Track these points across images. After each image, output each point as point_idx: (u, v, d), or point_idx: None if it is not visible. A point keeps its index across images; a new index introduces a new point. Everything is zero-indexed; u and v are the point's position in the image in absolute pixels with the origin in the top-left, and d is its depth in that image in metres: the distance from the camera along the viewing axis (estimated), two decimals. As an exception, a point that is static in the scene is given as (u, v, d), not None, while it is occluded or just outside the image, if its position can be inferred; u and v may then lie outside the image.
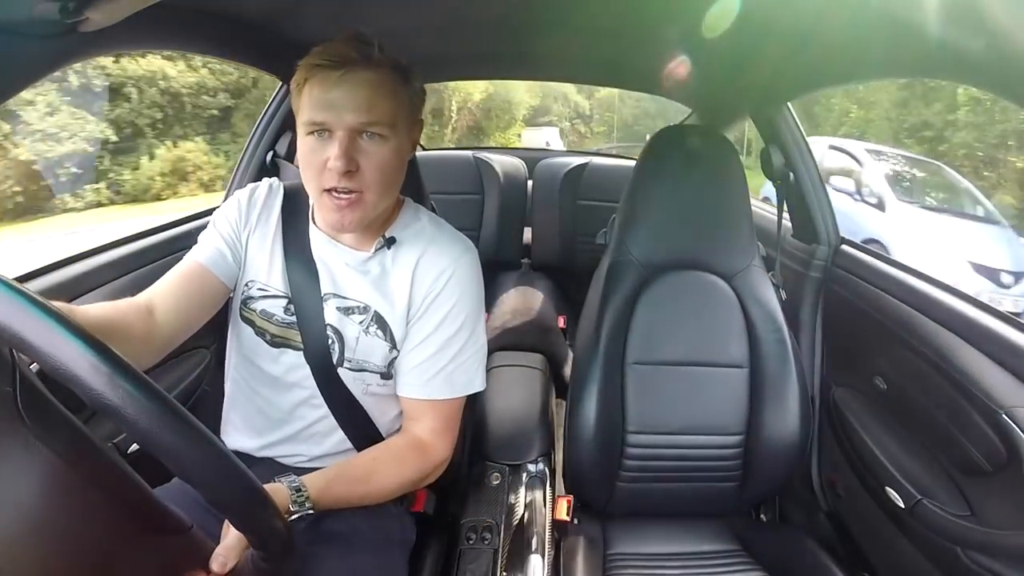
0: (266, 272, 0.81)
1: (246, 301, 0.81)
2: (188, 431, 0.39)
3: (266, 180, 0.88)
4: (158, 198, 9.49)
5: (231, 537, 0.53)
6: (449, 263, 0.79)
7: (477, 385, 0.82)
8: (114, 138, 9.36)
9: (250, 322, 0.81)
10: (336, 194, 0.70)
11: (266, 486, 0.54)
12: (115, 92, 9.29)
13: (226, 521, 0.56)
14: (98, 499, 0.42)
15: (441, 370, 0.79)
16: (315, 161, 0.70)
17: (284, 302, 0.80)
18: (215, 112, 10.70)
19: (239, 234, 0.82)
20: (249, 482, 0.44)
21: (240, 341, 0.84)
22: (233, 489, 0.43)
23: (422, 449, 0.79)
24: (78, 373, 0.36)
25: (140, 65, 9.45)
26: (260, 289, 0.81)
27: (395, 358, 0.80)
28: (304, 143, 0.71)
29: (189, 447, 0.39)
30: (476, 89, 14.74)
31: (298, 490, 0.66)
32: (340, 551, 0.74)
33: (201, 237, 0.83)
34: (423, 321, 0.79)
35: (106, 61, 8.63)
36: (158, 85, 9.80)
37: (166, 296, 0.74)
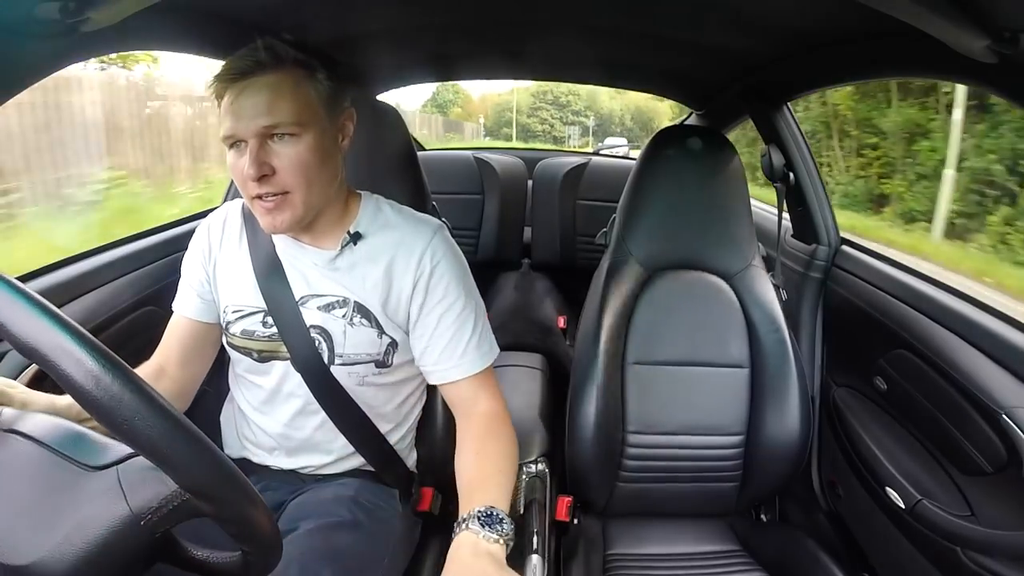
0: (238, 292, 0.82)
1: (227, 327, 0.82)
2: (176, 427, 0.39)
3: (225, 205, 0.89)
4: None
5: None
6: (426, 243, 0.80)
7: (496, 351, 0.83)
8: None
9: (233, 346, 0.82)
10: (262, 200, 0.71)
11: (460, 544, 0.59)
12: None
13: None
14: None
15: (468, 343, 0.79)
16: (237, 171, 0.71)
17: (261, 315, 0.80)
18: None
19: (206, 270, 0.84)
20: (243, 484, 0.43)
21: (232, 365, 0.86)
22: (227, 492, 0.42)
23: (494, 416, 0.78)
24: (100, 399, 0.37)
25: None
26: (235, 311, 0.82)
27: (389, 344, 0.80)
28: (228, 157, 0.73)
29: (175, 442, 0.39)
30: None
31: (488, 516, 0.63)
32: (343, 549, 0.74)
33: (179, 288, 0.85)
34: (428, 305, 0.79)
35: None
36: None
37: (170, 357, 0.82)
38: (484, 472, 0.71)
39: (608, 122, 20.28)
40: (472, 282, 0.83)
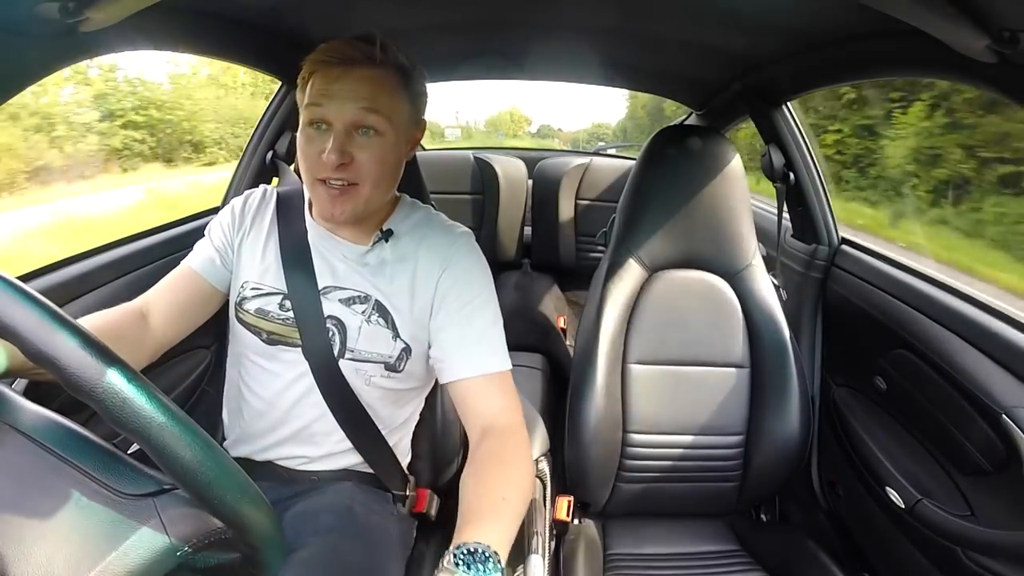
0: (259, 271, 0.82)
1: (240, 302, 0.82)
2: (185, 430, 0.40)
3: (261, 186, 0.90)
4: None
5: None
6: (451, 243, 0.81)
7: (508, 365, 0.79)
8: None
9: (244, 323, 0.82)
10: (330, 184, 0.72)
11: None
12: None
13: None
14: None
15: (479, 341, 0.77)
16: (311, 151, 0.72)
17: (279, 298, 0.80)
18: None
19: (231, 239, 0.84)
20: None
21: (236, 344, 0.84)
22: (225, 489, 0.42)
23: (505, 433, 0.72)
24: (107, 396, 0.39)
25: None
26: (254, 288, 0.82)
27: (402, 349, 0.80)
28: (303, 133, 0.73)
29: (182, 445, 0.40)
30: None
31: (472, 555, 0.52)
32: (337, 549, 0.74)
33: (196, 245, 0.85)
34: (447, 300, 0.79)
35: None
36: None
37: (159, 301, 0.79)
38: (482, 501, 0.63)
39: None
40: (493, 292, 0.82)
